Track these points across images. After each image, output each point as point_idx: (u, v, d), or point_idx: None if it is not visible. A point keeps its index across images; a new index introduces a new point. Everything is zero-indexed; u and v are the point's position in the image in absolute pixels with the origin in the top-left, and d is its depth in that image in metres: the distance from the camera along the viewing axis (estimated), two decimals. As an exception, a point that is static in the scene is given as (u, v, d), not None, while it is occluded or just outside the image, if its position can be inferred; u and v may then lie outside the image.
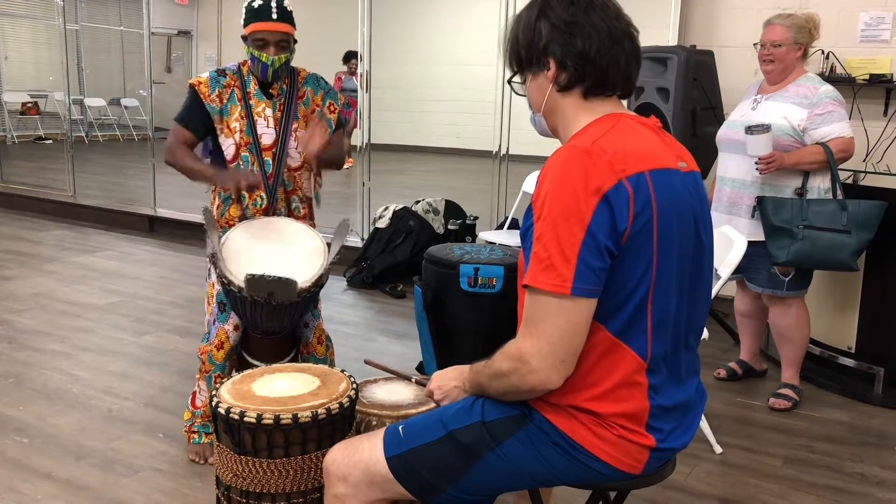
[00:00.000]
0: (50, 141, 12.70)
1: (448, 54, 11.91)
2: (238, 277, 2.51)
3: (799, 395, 3.51)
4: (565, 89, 1.53)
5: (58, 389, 3.47)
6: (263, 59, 2.70)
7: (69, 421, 3.16)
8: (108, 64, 14.08)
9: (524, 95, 1.64)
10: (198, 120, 2.77)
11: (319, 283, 2.63)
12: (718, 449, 3.04)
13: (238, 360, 2.88)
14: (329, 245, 2.74)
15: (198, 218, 2.85)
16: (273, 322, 2.64)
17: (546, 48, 1.51)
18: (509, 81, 1.66)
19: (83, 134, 13.42)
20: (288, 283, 2.46)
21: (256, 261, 2.61)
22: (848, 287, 3.66)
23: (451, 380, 1.70)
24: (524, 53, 1.55)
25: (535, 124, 1.71)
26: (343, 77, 9.93)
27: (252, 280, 2.46)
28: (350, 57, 9.25)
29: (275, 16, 2.68)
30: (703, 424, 3.04)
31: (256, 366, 2.78)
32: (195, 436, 2.89)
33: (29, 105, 13.16)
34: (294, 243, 2.71)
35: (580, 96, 1.53)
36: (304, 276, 2.56)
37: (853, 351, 3.69)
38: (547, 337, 1.38)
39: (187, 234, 6.61)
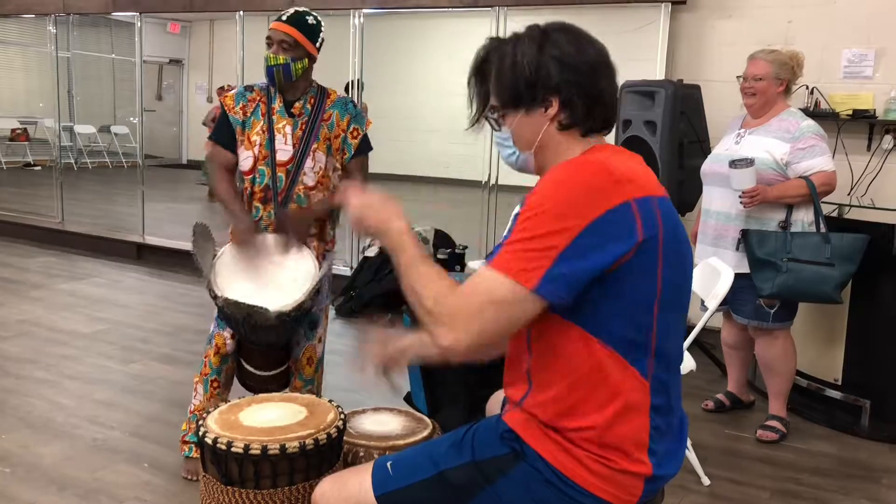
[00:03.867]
0: (39, 167, 12.68)
1: (437, 84, 11.99)
2: (223, 292, 2.60)
3: (786, 427, 3.52)
4: (566, 128, 1.50)
5: (42, 418, 3.44)
6: (265, 56, 2.77)
7: (53, 450, 3.13)
8: (98, 91, 14.10)
9: (500, 130, 1.57)
10: (226, 133, 2.87)
11: (301, 308, 2.64)
12: (706, 480, 3.04)
13: (237, 366, 2.95)
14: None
15: (186, 246, 2.87)
16: (258, 338, 2.71)
17: (556, 88, 1.47)
18: (486, 117, 1.57)
19: (72, 161, 13.40)
20: (261, 311, 2.53)
21: (245, 278, 2.69)
22: (834, 319, 3.69)
23: (381, 212, 1.54)
24: (525, 92, 1.49)
25: (515, 160, 1.59)
26: None
27: (229, 304, 2.56)
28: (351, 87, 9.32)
29: (284, 18, 2.77)
30: (691, 456, 3.04)
31: (252, 371, 2.89)
32: (186, 448, 2.93)
33: (18, 131, 13.15)
34: (286, 265, 2.74)
35: (579, 133, 1.51)
36: (285, 301, 2.60)
37: (840, 383, 3.70)
38: (481, 315, 1.36)
39: (175, 261, 6.59)
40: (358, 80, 6.03)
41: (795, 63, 3.41)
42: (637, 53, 5.02)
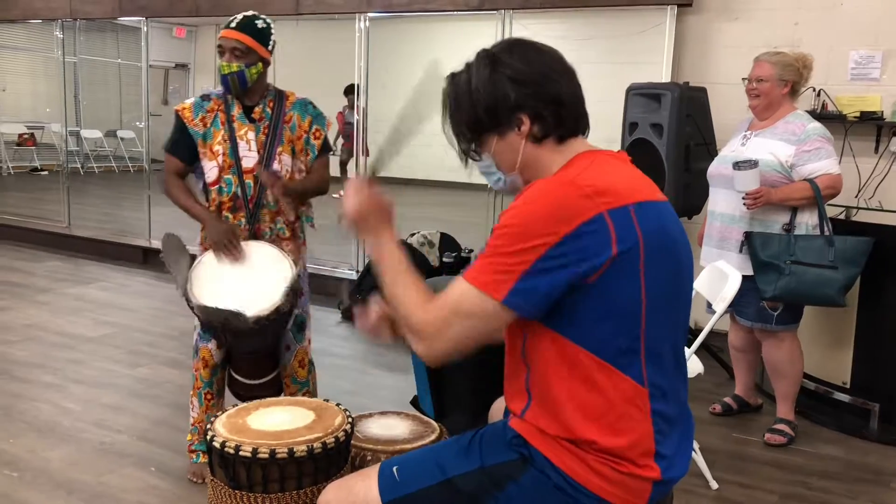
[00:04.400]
0: (46, 172, 12.72)
1: (443, 88, 11.99)
2: (200, 300, 2.59)
3: (794, 431, 3.50)
4: (540, 140, 1.51)
5: (49, 422, 3.44)
6: (218, 66, 2.74)
7: (60, 454, 3.13)
8: (105, 96, 14.14)
9: (480, 160, 1.59)
10: (184, 145, 2.83)
11: (279, 311, 2.63)
12: (714, 484, 3.03)
13: (228, 377, 2.95)
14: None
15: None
16: (241, 344, 2.72)
17: (517, 105, 1.48)
18: (466, 152, 1.58)
19: (79, 165, 13.44)
20: (237, 316, 2.53)
21: (222, 286, 2.67)
22: (842, 322, 3.67)
23: (373, 225, 1.62)
24: (486, 117, 1.51)
25: (504, 184, 1.61)
26: (346, 112, 9.98)
27: (206, 310, 2.57)
28: (350, 91, 9.32)
29: (233, 24, 2.74)
30: (699, 459, 3.03)
31: (241, 381, 2.89)
32: (193, 455, 2.95)
33: (25, 136, 13.20)
34: (263, 270, 2.74)
35: (555, 142, 1.52)
36: (262, 305, 2.59)
37: (848, 386, 3.69)
38: (451, 325, 1.42)
39: (182, 265, 6.59)
40: (364, 84, 6.02)
41: (802, 65, 3.39)
42: (643, 56, 5.01)
